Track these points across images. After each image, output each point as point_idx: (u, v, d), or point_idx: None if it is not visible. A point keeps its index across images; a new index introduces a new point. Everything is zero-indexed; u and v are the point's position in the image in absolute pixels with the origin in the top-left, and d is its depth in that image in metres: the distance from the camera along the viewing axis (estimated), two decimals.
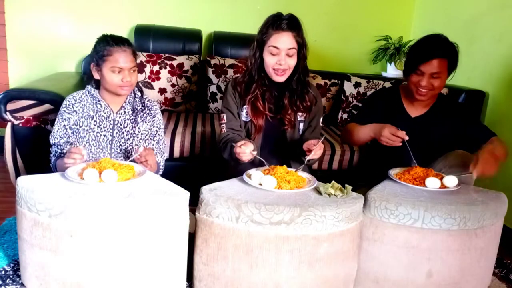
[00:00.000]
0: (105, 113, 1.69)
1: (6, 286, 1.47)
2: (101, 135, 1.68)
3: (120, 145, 1.70)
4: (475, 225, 1.49)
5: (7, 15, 2.73)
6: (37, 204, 1.28)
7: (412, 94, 1.85)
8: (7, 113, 1.95)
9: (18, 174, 2.06)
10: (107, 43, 1.60)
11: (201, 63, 2.75)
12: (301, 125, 1.81)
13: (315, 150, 1.58)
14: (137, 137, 1.72)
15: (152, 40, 2.76)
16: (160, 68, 2.62)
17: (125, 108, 1.72)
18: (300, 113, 1.79)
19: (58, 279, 1.31)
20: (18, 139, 2.03)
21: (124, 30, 2.88)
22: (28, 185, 1.32)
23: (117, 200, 1.28)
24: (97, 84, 1.72)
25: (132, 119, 1.73)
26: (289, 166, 1.75)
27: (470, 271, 1.54)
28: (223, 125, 1.78)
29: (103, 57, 1.60)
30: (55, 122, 1.69)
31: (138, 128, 1.73)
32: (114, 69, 1.60)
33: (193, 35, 2.85)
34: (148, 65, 2.61)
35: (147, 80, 2.60)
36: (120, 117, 1.71)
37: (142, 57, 2.62)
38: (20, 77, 2.80)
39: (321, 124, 1.86)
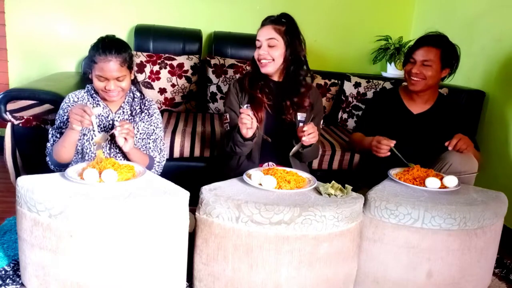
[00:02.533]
0: (104, 113, 1.70)
1: (6, 286, 1.47)
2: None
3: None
4: (475, 225, 1.49)
5: (7, 15, 2.73)
6: (37, 204, 1.28)
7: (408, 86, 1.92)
8: (7, 113, 1.95)
9: (18, 174, 2.06)
10: (96, 50, 1.59)
11: (201, 63, 2.75)
12: (301, 125, 1.81)
13: (307, 127, 1.61)
14: (136, 137, 1.73)
15: (152, 40, 2.76)
16: (160, 68, 2.62)
17: (123, 109, 1.73)
18: (300, 113, 1.79)
19: (58, 279, 1.31)
20: (18, 139, 2.03)
21: (124, 30, 2.88)
22: (28, 185, 1.32)
23: (117, 200, 1.28)
24: None
25: (131, 119, 1.73)
26: (289, 165, 1.77)
27: (470, 271, 1.54)
28: (226, 124, 1.82)
29: (91, 62, 1.60)
30: (56, 118, 1.70)
31: (137, 128, 1.73)
32: (98, 78, 1.60)
33: (193, 35, 2.85)
34: (148, 65, 2.61)
35: (147, 80, 2.60)
36: (118, 117, 1.71)
37: (142, 57, 2.62)
38: (20, 77, 2.80)
39: (321, 126, 1.87)
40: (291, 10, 1.76)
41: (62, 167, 1.66)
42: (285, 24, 1.72)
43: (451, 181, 1.61)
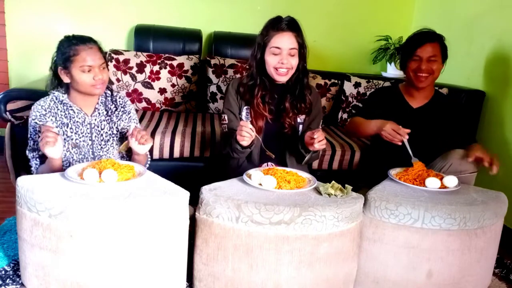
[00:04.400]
0: (79, 118, 1.63)
1: (6, 286, 1.47)
2: (80, 141, 1.64)
3: (101, 147, 1.67)
4: (475, 225, 1.49)
5: (7, 15, 2.73)
6: (37, 204, 1.28)
7: (413, 83, 1.92)
8: (7, 113, 1.95)
9: (18, 174, 2.06)
10: (72, 43, 1.56)
11: (201, 63, 2.75)
12: (301, 127, 1.81)
13: (318, 135, 1.58)
14: (117, 137, 1.70)
15: (152, 40, 2.76)
16: (160, 68, 2.62)
17: (98, 110, 1.67)
18: (299, 116, 1.79)
19: (58, 279, 1.31)
20: (18, 139, 2.03)
21: (124, 30, 2.88)
22: (28, 185, 1.32)
23: (117, 200, 1.28)
24: (65, 89, 1.64)
25: (108, 119, 1.69)
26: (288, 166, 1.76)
27: (470, 271, 1.54)
28: (224, 125, 1.80)
29: (70, 57, 1.55)
30: (28, 135, 1.61)
31: (116, 127, 1.70)
32: (83, 69, 1.54)
33: (193, 35, 2.85)
34: (148, 65, 2.61)
35: (147, 80, 2.60)
36: (95, 119, 1.66)
37: (142, 57, 2.62)
38: (20, 77, 2.80)
39: (320, 127, 1.87)
40: (291, 10, 1.76)
41: None
42: (298, 31, 1.69)
43: (451, 181, 1.61)
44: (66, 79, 1.59)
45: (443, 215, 1.45)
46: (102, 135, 1.68)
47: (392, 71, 3.13)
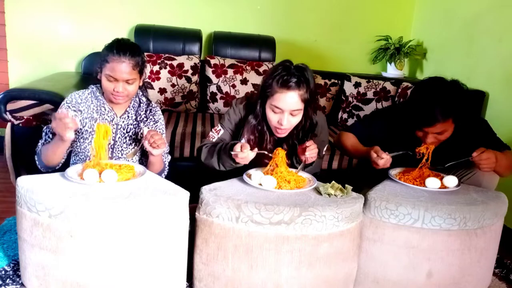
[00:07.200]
0: (108, 117, 1.68)
1: (6, 286, 1.47)
2: None
3: (122, 149, 1.70)
4: (475, 225, 1.49)
5: (7, 15, 2.73)
6: (37, 204, 1.28)
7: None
8: (7, 113, 1.95)
9: (18, 174, 2.06)
10: (110, 50, 1.57)
11: (201, 63, 2.75)
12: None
13: (309, 144, 1.51)
14: (139, 143, 1.71)
15: (152, 40, 2.76)
16: (160, 68, 2.62)
17: (128, 113, 1.71)
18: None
19: (58, 279, 1.31)
20: (18, 139, 2.03)
21: (124, 30, 2.88)
22: (28, 185, 1.32)
23: (117, 200, 1.28)
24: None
25: (135, 124, 1.72)
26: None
27: (470, 271, 1.54)
28: (213, 137, 1.71)
29: (103, 62, 1.58)
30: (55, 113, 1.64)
31: (141, 134, 1.72)
32: (108, 77, 1.58)
33: (193, 35, 2.85)
34: (148, 65, 2.61)
35: (147, 80, 2.60)
36: (123, 121, 1.70)
37: None
38: (20, 77, 2.80)
39: (323, 153, 1.76)
40: (291, 10, 1.76)
41: (50, 169, 1.62)
42: (307, 87, 1.53)
43: (451, 181, 1.60)
44: (99, 77, 1.63)
45: (443, 215, 1.45)
46: (126, 138, 1.70)
47: (392, 71, 3.13)
